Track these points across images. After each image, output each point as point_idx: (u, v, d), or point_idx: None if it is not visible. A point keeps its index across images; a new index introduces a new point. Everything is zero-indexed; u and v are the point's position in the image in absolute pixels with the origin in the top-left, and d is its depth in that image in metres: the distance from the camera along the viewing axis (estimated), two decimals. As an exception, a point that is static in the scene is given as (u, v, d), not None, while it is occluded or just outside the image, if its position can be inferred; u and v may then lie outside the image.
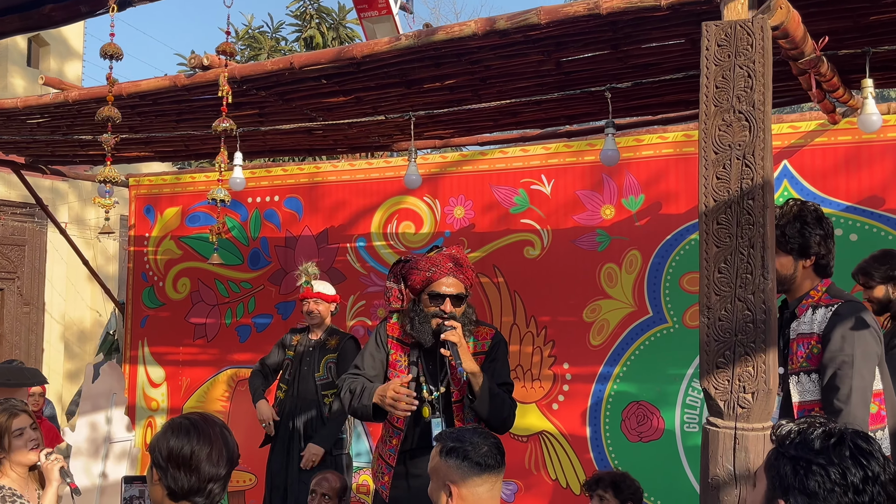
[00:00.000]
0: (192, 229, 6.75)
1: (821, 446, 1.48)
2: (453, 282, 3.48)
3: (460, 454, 2.33)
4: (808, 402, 2.94)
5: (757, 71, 2.18)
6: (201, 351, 6.70)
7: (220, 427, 2.20)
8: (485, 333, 3.60)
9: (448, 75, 4.04)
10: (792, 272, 3.03)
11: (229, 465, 2.17)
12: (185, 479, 2.11)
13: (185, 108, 4.58)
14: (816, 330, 2.94)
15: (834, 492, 1.45)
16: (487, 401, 3.35)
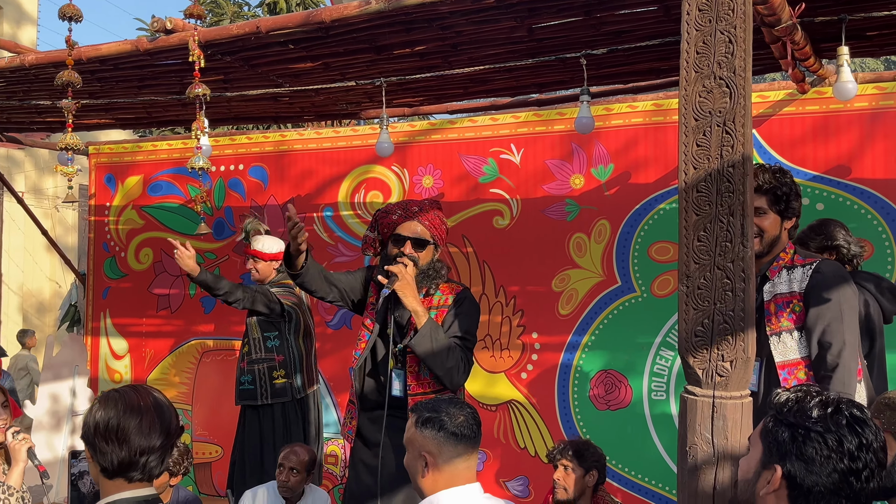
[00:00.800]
0: (155, 198, 6.62)
1: (818, 415, 1.51)
2: (416, 226, 3.50)
3: (436, 424, 2.31)
4: (792, 360, 3.01)
5: (738, 36, 2.16)
6: (165, 322, 6.59)
7: (152, 397, 2.09)
8: (451, 289, 3.58)
9: (418, 41, 3.97)
10: (779, 233, 3.10)
11: (164, 435, 2.06)
12: (114, 452, 2.01)
13: (147, 73, 4.45)
14: (797, 289, 3.00)
15: (830, 458, 1.49)
16: (428, 343, 3.30)
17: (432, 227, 3.53)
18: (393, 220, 3.55)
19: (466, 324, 3.48)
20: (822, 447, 1.50)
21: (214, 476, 6.29)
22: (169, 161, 6.57)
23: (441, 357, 3.32)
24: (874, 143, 4.64)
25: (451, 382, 3.37)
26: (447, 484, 2.27)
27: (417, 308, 3.36)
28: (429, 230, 3.52)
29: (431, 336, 3.32)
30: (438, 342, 3.32)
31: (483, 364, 5.50)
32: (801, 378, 2.99)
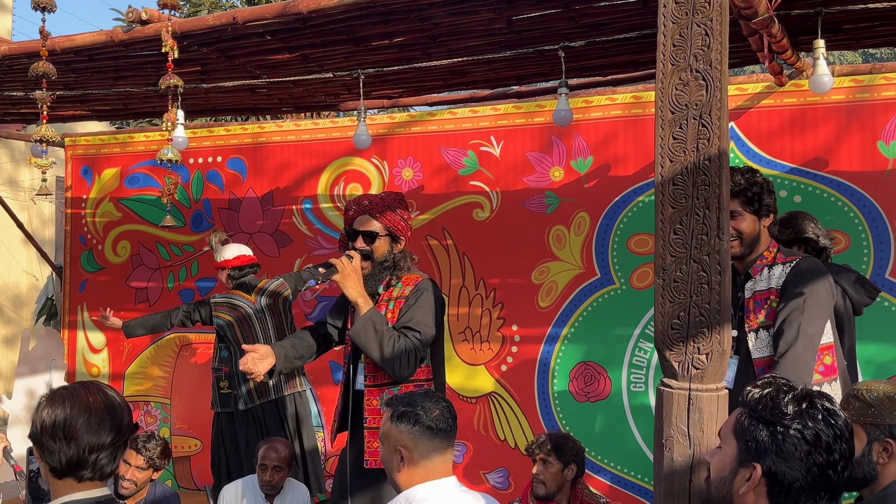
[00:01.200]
0: (132, 191, 6.56)
1: (794, 410, 1.52)
2: (368, 220, 3.53)
3: (411, 418, 2.30)
4: (768, 357, 3.04)
5: (714, 29, 2.16)
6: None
7: (103, 394, 2.02)
8: (412, 280, 3.56)
9: (397, 32, 3.95)
10: (757, 232, 3.14)
11: (116, 432, 1.98)
12: (62, 451, 1.94)
13: (123, 64, 4.40)
14: (774, 285, 3.04)
15: (810, 453, 1.49)
16: (364, 333, 3.31)
17: (384, 219, 3.53)
18: (349, 216, 3.61)
19: (419, 314, 3.45)
20: (802, 443, 1.51)
21: (194, 470, 6.26)
22: (146, 153, 6.51)
23: (379, 347, 3.31)
24: (850, 136, 4.67)
25: (393, 373, 3.35)
26: (423, 478, 2.26)
27: (358, 299, 3.38)
28: (380, 222, 3.52)
29: (368, 326, 3.32)
30: (377, 333, 3.32)
31: (463, 356, 5.50)
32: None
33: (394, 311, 3.49)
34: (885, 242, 4.59)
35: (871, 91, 4.64)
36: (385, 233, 3.53)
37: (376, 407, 3.45)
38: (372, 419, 3.44)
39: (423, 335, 3.40)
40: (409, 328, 3.40)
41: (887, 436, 2.38)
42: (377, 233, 3.52)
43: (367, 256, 3.50)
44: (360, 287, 3.41)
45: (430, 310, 3.47)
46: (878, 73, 4.63)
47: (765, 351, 3.04)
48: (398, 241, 3.58)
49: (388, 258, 3.55)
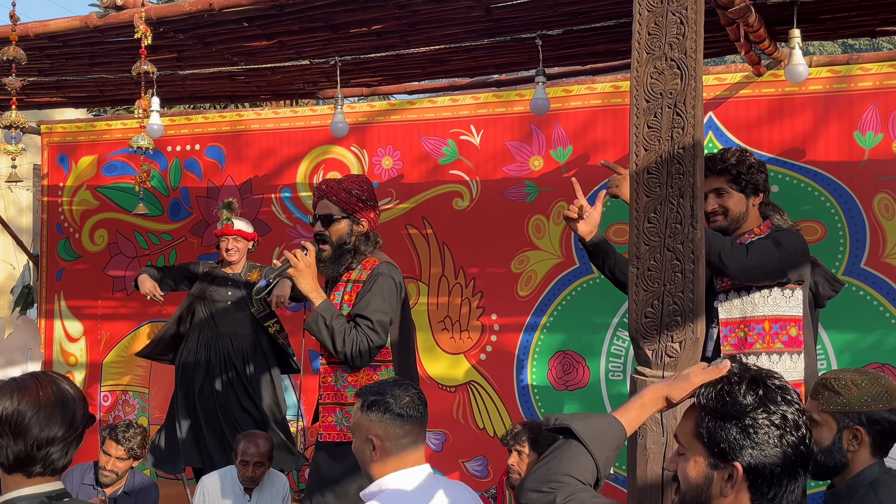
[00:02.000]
0: (109, 179, 6.50)
1: (753, 399, 1.51)
2: (325, 203, 3.56)
3: (382, 407, 2.29)
4: (736, 319, 3.14)
5: (689, 18, 2.16)
6: (121, 304, 6.50)
7: (55, 385, 1.93)
8: (370, 263, 3.57)
9: (375, 20, 3.93)
10: (745, 210, 3.25)
11: (68, 426, 1.89)
12: (9, 446, 1.85)
13: (98, 50, 4.36)
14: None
15: (782, 436, 1.50)
16: (316, 327, 3.36)
17: (340, 201, 3.53)
18: (313, 203, 3.68)
19: (373, 300, 3.45)
20: (772, 428, 1.51)
21: (172, 459, 6.22)
22: (123, 141, 6.43)
23: (331, 341, 3.36)
24: (828, 126, 4.70)
25: (350, 364, 3.40)
26: (395, 467, 2.26)
27: (311, 293, 3.41)
28: (338, 205, 3.53)
29: (320, 320, 3.37)
30: (329, 328, 3.35)
31: (443, 345, 5.50)
32: (739, 337, 3.09)
33: (351, 293, 3.52)
34: (860, 232, 4.63)
35: (849, 81, 4.66)
36: (342, 215, 3.54)
37: (331, 384, 3.52)
38: (327, 395, 3.54)
39: (376, 322, 3.40)
40: (363, 317, 3.41)
41: (857, 423, 2.40)
42: (333, 215, 3.54)
43: (323, 240, 3.53)
44: (312, 282, 3.42)
45: (384, 295, 3.47)
46: (855, 63, 4.65)
47: (733, 312, 3.16)
48: (359, 223, 3.57)
49: (347, 241, 3.55)
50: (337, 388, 3.50)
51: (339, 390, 3.50)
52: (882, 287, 4.58)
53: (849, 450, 2.41)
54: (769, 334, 3.14)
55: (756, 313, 3.15)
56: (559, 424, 1.55)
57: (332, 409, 3.52)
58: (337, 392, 3.51)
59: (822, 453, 2.44)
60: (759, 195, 3.28)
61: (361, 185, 3.63)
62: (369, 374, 3.48)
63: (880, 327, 4.59)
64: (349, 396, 3.46)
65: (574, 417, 1.60)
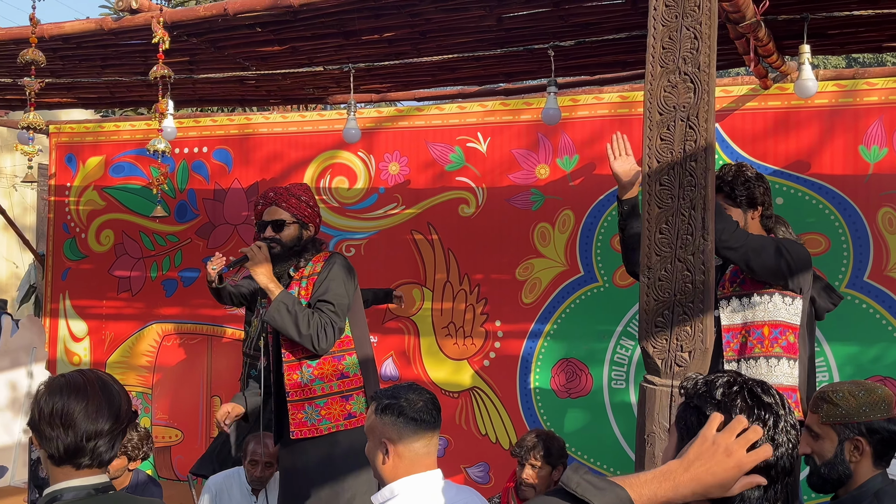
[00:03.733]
0: (117, 179, 6.53)
1: (720, 395, 1.52)
2: (275, 209, 3.70)
3: (396, 410, 2.32)
4: (738, 325, 3.17)
5: (703, 33, 2.19)
6: (126, 305, 6.53)
7: (100, 380, 2.03)
8: (321, 257, 3.71)
9: (387, 27, 3.97)
10: (743, 224, 3.28)
11: (114, 419, 1.99)
12: (60, 438, 1.94)
13: (111, 53, 4.40)
14: None
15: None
16: (278, 315, 3.45)
17: (290, 207, 3.69)
18: (258, 210, 3.77)
19: (331, 286, 3.58)
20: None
21: (174, 460, 6.25)
22: (132, 142, 6.48)
23: (295, 326, 3.44)
24: (833, 140, 4.73)
25: (314, 349, 3.48)
26: (407, 471, 2.28)
27: (269, 284, 3.54)
28: (288, 211, 3.68)
29: (281, 308, 3.46)
30: (291, 313, 3.45)
31: (446, 351, 5.53)
32: (741, 343, 3.13)
33: (307, 287, 3.62)
34: (864, 245, 4.66)
35: (854, 96, 4.70)
36: (293, 220, 3.69)
37: (296, 381, 3.59)
38: (294, 392, 3.59)
39: (337, 305, 3.53)
40: (323, 300, 3.54)
41: (857, 434, 2.44)
42: (284, 220, 3.68)
43: (275, 242, 3.65)
44: (270, 274, 3.57)
45: (342, 280, 3.61)
46: (861, 78, 4.69)
47: (735, 319, 3.20)
48: (307, 228, 3.74)
49: (297, 244, 3.70)
50: (303, 384, 3.58)
51: (306, 385, 3.57)
52: (885, 300, 4.61)
53: (851, 461, 2.45)
54: (768, 339, 3.18)
55: (756, 318, 3.21)
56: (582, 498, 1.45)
57: (301, 405, 3.58)
58: (303, 387, 3.58)
59: (826, 466, 2.48)
60: (758, 209, 3.34)
61: (308, 192, 3.81)
62: (334, 364, 3.57)
63: (883, 340, 4.62)
64: (317, 390, 3.57)
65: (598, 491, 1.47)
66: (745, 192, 3.29)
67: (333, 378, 3.59)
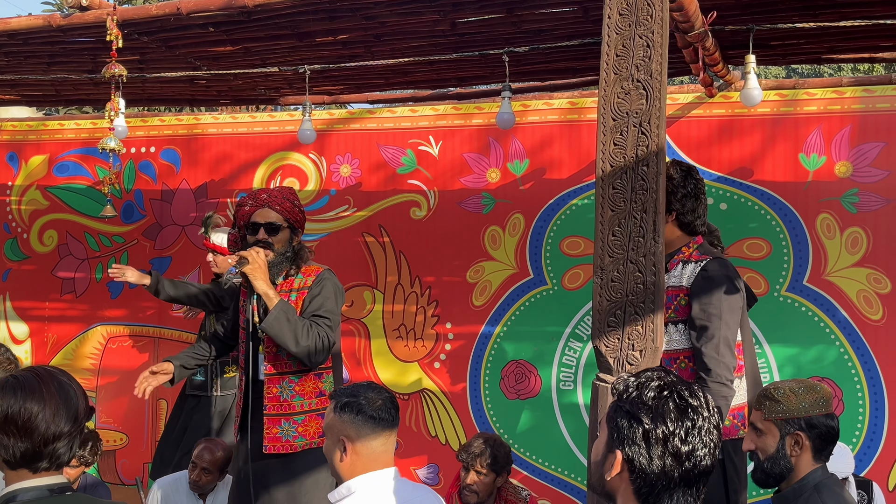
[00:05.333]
0: (61, 179, 6.41)
1: (651, 402, 1.57)
2: (269, 212, 3.59)
3: (354, 408, 2.33)
4: (674, 350, 3.17)
5: (655, 41, 2.26)
6: (69, 307, 6.40)
7: (56, 380, 1.92)
8: (312, 270, 3.65)
9: (341, 30, 3.99)
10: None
11: (73, 421, 1.90)
12: (16, 445, 1.84)
13: (58, 50, 4.32)
14: (685, 283, 3.15)
15: (661, 441, 1.55)
16: (278, 325, 3.36)
17: (284, 210, 3.61)
18: (246, 211, 3.65)
19: (325, 303, 3.54)
20: (653, 431, 1.55)
21: (119, 464, 6.15)
22: (77, 141, 6.37)
23: (294, 337, 3.37)
24: (775, 147, 4.88)
25: (309, 361, 3.43)
26: (365, 468, 2.31)
27: (268, 291, 3.44)
28: (282, 214, 3.60)
29: (281, 317, 3.38)
30: (290, 322, 3.37)
31: (396, 353, 5.55)
32: (681, 368, 3.16)
33: (296, 301, 3.56)
34: (804, 251, 4.81)
35: (795, 105, 4.85)
36: (286, 224, 3.62)
37: (276, 395, 3.53)
38: (272, 406, 3.53)
39: (332, 322, 3.50)
40: (319, 316, 3.48)
41: (797, 429, 2.54)
42: (279, 224, 3.60)
43: (267, 247, 3.57)
44: (268, 280, 3.48)
45: (334, 298, 3.58)
46: (802, 88, 4.85)
47: (672, 345, 3.16)
48: (297, 233, 3.67)
49: (288, 249, 3.63)
50: (283, 399, 3.52)
51: (286, 400, 3.52)
52: (823, 304, 4.77)
53: (792, 455, 2.54)
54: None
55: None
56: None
57: (277, 420, 3.51)
58: (282, 403, 3.52)
59: (768, 461, 2.58)
60: (672, 214, 3.19)
61: (296, 196, 3.75)
62: (315, 381, 3.53)
63: (821, 342, 4.78)
64: (296, 406, 3.51)
65: None
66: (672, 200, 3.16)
67: (313, 395, 3.55)
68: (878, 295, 4.72)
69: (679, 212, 3.21)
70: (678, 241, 3.25)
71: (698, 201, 3.27)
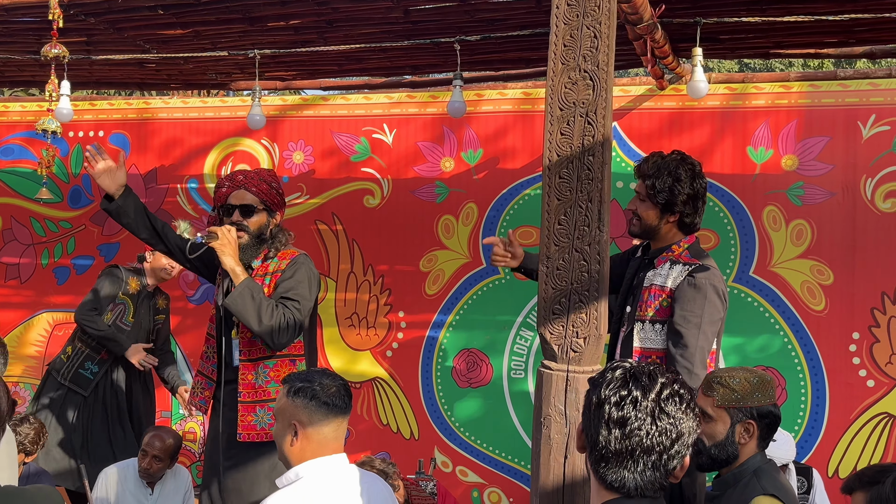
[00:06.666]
0: (5, 162, 6.26)
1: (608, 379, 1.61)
2: (244, 194, 3.54)
3: (308, 394, 2.33)
4: (649, 349, 3.14)
5: (603, 32, 2.28)
6: (14, 293, 6.27)
7: None
8: (288, 254, 3.60)
9: (293, 14, 3.96)
10: (656, 224, 3.17)
11: None
12: None
13: (2, 30, 4.22)
14: (670, 285, 3.11)
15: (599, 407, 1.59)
16: (241, 302, 3.31)
17: (260, 192, 3.55)
18: (223, 192, 3.60)
19: (294, 285, 3.48)
20: (593, 397, 1.61)
21: (65, 453, 6.05)
22: (22, 123, 6.22)
23: (257, 315, 3.31)
24: (724, 140, 4.96)
25: (272, 342, 3.36)
26: (314, 453, 2.30)
27: (235, 268, 3.39)
28: (258, 196, 3.55)
29: (245, 293, 3.32)
30: (255, 300, 3.32)
31: (348, 341, 5.54)
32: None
33: (270, 285, 3.51)
34: (750, 242, 4.90)
35: (744, 99, 4.94)
36: (262, 206, 3.56)
37: (251, 381, 3.48)
38: (246, 393, 3.48)
39: (301, 306, 3.43)
40: (288, 298, 3.42)
41: (749, 417, 2.59)
42: (254, 206, 3.55)
43: (241, 229, 3.51)
44: (236, 257, 3.42)
45: (307, 283, 3.51)
46: (750, 82, 4.93)
47: (647, 343, 3.14)
48: (273, 216, 3.61)
49: (264, 231, 3.57)
50: (257, 385, 3.47)
51: (261, 387, 3.47)
52: (768, 294, 4.87)
53: (740, 442, 2.59)
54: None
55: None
56: None
57: (252, 407, 3.46)
58: (257, 389, 3.48)
59: (716, 447, 2.61)
60: (676, 215, 3.14)
61: (277, 179, 3.68)
62: (290, 368, 3.48)
63: (766, 331, 4.88)
64: (272, 392, 3.45)
65: None
66: (667, 195, 3.11)
67: None
68: (821, 286, 4.83)
69: (683, 213, 3.14)
70: (670, 238, 3.20)
71: (702, 202, 3.21)
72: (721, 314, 3.16)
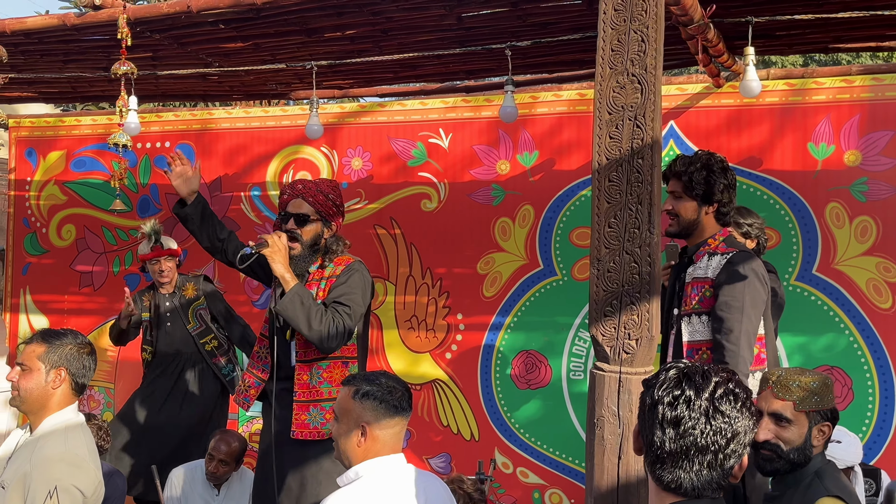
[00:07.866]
0: (78, 174, 6.51)
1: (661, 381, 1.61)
2: (300, 203, 3.64)
3: (377, 397, 2.41)
4: (697, 341, 3.18)
5: (650, 36, 2.30)
6: (87, 300, 6.51)
7: None
8: (343, 260, 3.68)
9: (349, 25, 4.03)
10: (696, 217, 3.25)
11: None
12: None
13: (73, 48, 4.40)
14: (710, 275, 3.17)
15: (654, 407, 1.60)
16: (292, 307, 3.39)
17: (316, 202, 3.63)
18: (284, 200, 3.71)
19: (347, 291, 3.55)
20: (648, 398, 1.62)
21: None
22: (93, 136, 6.47)
23: (306, 320, 3.38)
24: (784, 137, 4.89)
25: (321, 345, 3.44)
26: (377, 453, 2.38)
27: (285, 274, 3.46)
28: (313, 206, 3.63)
29: (295, 300, 3.40)
30: (304, 306, 3.39)
31: (409, 344, 5.61)
32: (703, 359, 3.16)
33: (325, 290, 3.59)
34: (812, 240, 4.82)
35: (804, 94, 4.86)
36: (316, 216, 3.64)
37: (306, 381, 3.58)
38: (301, 393, 3.58)
39: (353, 311, 3.50)
40: (339, 303, 3.50)
41: (825, 420, 2.58)
42: (308, 215, 3.63)
43: (294, 238, 3.60)
44: (286, 264, 3.50)
45: (360, 289, 3.59)
46: (810, 77, 4.85)
47: (695, 336, 3.17)
48: (329, 226, 3.69)
49: (318, 241, 3.66)
50: (312, 385, 3.57)
51: (315, 387, 3.57)
52: (832, 293, 4.78)
53: (815, 445, 2.57)
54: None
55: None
56: None
57: (306, 406, 3.56)
58: (312, 389, 3.57)
59: (795, 451, 2.57)
60: (714, 205, 3.24)
61: (336, 189, 3.75)
62: (342, 370, 3.58)
63: (830, 331, 4.79)
64: (324, 392, 3.55)
65: None
66: (704, 186, 3.21)
67: (340, 383, 3.59)
68: (887, 283, 4.72)
69: (721, 202, 3.24)
70: (707, 232, 3.27)
71: (735, 192, 3.31)
72: (763, 297, 3.17)
